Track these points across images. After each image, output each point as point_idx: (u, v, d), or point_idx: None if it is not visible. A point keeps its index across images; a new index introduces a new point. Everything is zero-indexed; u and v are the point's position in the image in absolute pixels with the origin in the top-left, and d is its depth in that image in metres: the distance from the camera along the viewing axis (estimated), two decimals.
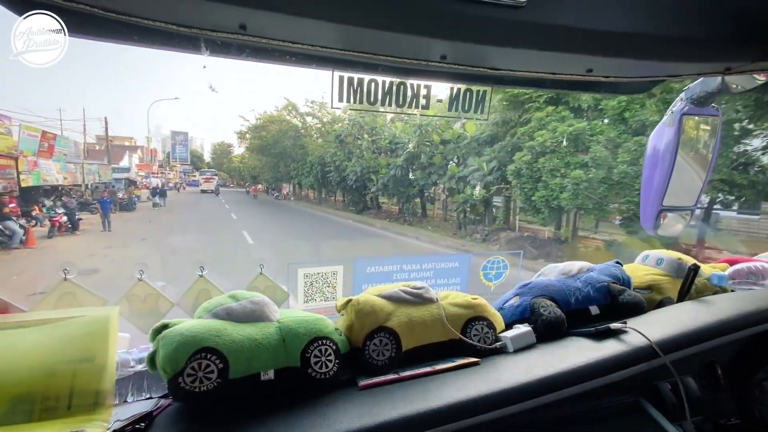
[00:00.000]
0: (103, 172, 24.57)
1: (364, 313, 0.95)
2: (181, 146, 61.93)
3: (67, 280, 0.97)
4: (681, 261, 1.38)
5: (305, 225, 19.30)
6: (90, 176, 22.29)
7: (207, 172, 46.56)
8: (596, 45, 0.85)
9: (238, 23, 0.77)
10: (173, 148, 61.16)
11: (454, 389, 0.83)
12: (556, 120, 11.20)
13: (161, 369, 0.76)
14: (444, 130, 16.27)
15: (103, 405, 0.81)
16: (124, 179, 26.57)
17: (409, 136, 17.27)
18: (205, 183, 39.94)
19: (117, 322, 0.85)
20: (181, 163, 61.77)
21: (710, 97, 1.40)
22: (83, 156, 26.99)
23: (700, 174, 1.56)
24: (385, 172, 18.38)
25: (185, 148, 62.83)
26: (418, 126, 16.71)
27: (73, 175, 19.41)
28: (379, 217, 20.72)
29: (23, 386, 0.76)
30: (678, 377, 0.91)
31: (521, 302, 1.14)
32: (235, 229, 15.16)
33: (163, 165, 52.68)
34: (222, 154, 70.57)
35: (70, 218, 13.41)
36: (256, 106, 76.22)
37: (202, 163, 76.61)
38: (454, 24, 0.77)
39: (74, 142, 23.83)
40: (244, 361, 0.79)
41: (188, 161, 64.63)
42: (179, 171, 58.77)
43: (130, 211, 20.52)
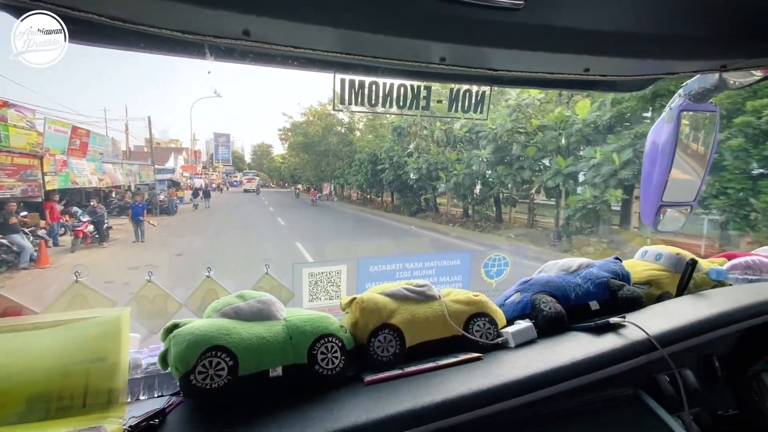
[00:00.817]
0: (145, 173, 23.12)
1: (368, 311, 0.98)
2: (224, 147, 62.65)
3: (79, 282, 0.99)
4: (679, 256, 1.40)
5: (365, 232, 16.28)
6: (131, 177, 20.83)
7: (249, 173, 51.97)
8: (593, 45, 0.86)
9: (242, 29, 0.78)
10: (216, 150, 61.95)
11: (457, 383, 0.85)
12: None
13: (173, 367, 0.79)
14: (543, 113, 12.67)
15: (117, 403, 0.83)
16: (168, 180, 26.08)
17: (503, 120, 13.06)
18: (247, 183, 44.29)
19: (128, 322, 0.87)
20: (223, 164, 62.62)
21: (708, 93, 1.41)
22: (123, 155, 26.25)
23: (699, 170, 1.58)
24: (459, 168, 15.23)
25: (227, 150, 63.52)
26: (515, 107, 12.91)
27: (112, 176, 18.03)
28: (439, 221, 18.19)
29: (39, 386, 0.79)
30: (676, 370, 0.93)
31: (522, 298, 1.16)
32: (286, 239, 13.15)
33: (206, 166, 53.40)
34: (262, 155, 72.12)
35: (98, 227, 11.76)
36: (301, 102, 76.79)
37: (243, 164, 77.84)
38: (453, 27, 0.79)
39: (112, 139, 22.39)
40: (253, 359, 0.81)
41: (230, 162, 65.25)
42: (222, 172, 59.76)
43: (170, 214, 19.34)
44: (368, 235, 15.67)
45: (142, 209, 12.93)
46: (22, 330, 0.82)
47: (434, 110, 1.15)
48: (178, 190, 26.70)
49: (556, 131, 11.71)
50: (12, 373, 0.78)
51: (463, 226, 16.32)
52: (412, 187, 19.47)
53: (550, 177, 11.75)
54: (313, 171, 33.11)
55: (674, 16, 0.82)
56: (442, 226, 16.98)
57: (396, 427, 0.76)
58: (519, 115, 12.90)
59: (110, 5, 0.73)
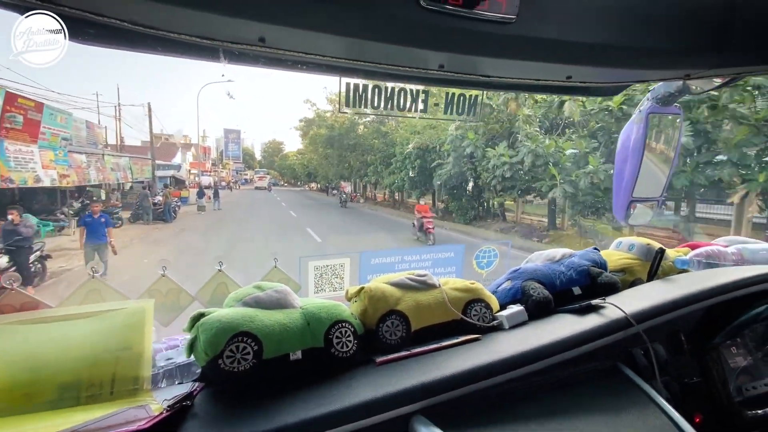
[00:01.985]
0: (138, 168, 19.61)
1: (376, 299, 1.05)
2: (234, 144, 60.47)
3: (95, 278, 1.02)
4: (649, 246, 1.54)
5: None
6: (119, 173, 16.86)
7: (260, 172, 54.11)
8: (575, 55, 0.95)
9: (258, 36, 0.83)
10: (226, 146, 59.49)
11: (460, 360, 0.94)
12: None
13: (201, 352, 0.84)
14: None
15: (143, 390, 0.88)
16: (170, 177, 24.07)
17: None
18: (259, 181, 46.88)
19: (152, 313, 0.91)
20: (233, 161, 60.42)
21: (673, 97, 1.55)
22: (115, 148, 22.07)
23: (665, 167, 1.73)
24: (564, 160, 11.07)
25: (237, 146, 61.24)
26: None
27: (81, 171, 13.26)
28: (522, 234, 13.76)
29: (69, 374, 0.82)
30: (649, 343, 1.06)
31: (513, 285, 1.27)
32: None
33: (216, 163, 51.05)
34: (273, 152, 69.88)
35: (18, 260, 7.25)
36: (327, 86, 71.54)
37: (254, 161, 75.68)
38: (452, 37, 0.86)
39: (86, 122, 16.17)
40: (275, 343, 0.88)
41: (240, 159, 62.77)
42: (232, 169, 57.62)
43: (167, 221, 15.72)
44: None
45: (104, 226, 8.10)
46: (51, 321, 0.85)
47: (432, 113, 1.24)
48: (182, 189, 24.05)
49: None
50: (43, 363, 0.81)
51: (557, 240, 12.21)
52: (481, 188, 15.46)
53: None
54: (334, 168, 30.00)
55: (644, 29, 0.92)
56: (533, 243, 12.61)
57: (409, 399, 0.84)
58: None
59: (132, 12, 0.77)
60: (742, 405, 1.14)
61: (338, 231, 15.68)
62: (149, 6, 0.73)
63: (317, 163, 34.11)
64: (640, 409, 0.94)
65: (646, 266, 1.48)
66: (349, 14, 0.77)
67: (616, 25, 0.91)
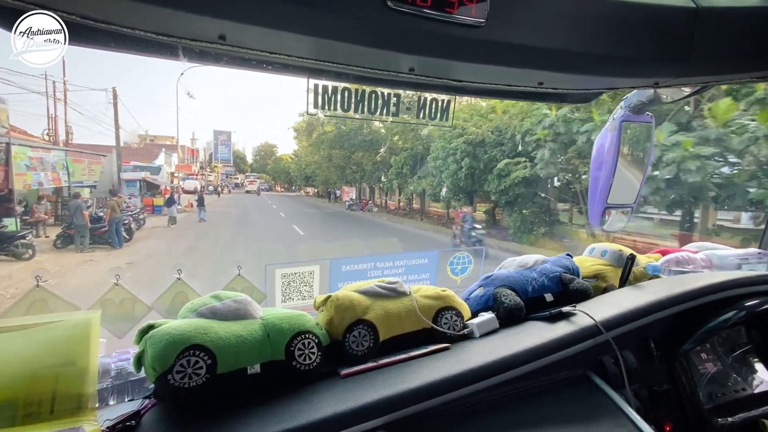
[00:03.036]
0: (85, 168, 14.90)
1: (343, 308, 1.02)
2: (224, 146, 57.64)
3: (39, 286, 0.96)
4: (621, 252, 1.55)
5: None
6: (41, 174, 11.86)
7: (251, 176, 54.59)
8: (546, 61, 0.95)
9: (218, 34, 0.80)
10: (215, 148, 56.65)
11: (428, 371, 0.91)
12: None
13: (150, 368, 0.79)
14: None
15: (86, 408, 0.82)
16: (140, 181, 19.46)
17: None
18: (249, 185, 46.39)
19: (98, 326, 0.86)
20: (223, 164, 57.57)
21: (645, 106, 1.58)
22: (54, 141, 17.41)
23: (638, 175, 1.76)
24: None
25: (228, 149, 58.38)
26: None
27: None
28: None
29: (5, 392, 0.76)
30: (618, 351, 1.05)
31: (485, 293, 1.25)
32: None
33: (204, 166, 48.55)
34: (266, 155, 67.13)
35: None
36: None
37: (245, 165, 72.86)
38: (422, 40, 0.84)
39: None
40: (231, 357, 0.83)
41: (231, 162, 59.91)
42: (221, 172, 55.24)
43: (115, 246, 11.09)
44: None
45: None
46: None
47: (403, 117, 1.21)
48: (157, 195, 19.93)
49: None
50: None
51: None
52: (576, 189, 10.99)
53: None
54: (338, 171, 26.88)
55: (615, 38, 0.93)
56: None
57: (373, 413, 0.80)
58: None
59: (82, 5, 0.73)
60: (712, 412, 1.14)
61: (342, 231, 15.40)
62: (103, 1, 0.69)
63: (317, 165, 30.84)
64: (609, 419, 0.92)
65: (618, 272, 1.48)
66: (314, 13, 0.75)
67: (587, 33, 0.91)
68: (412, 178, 19.32)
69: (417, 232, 17.24)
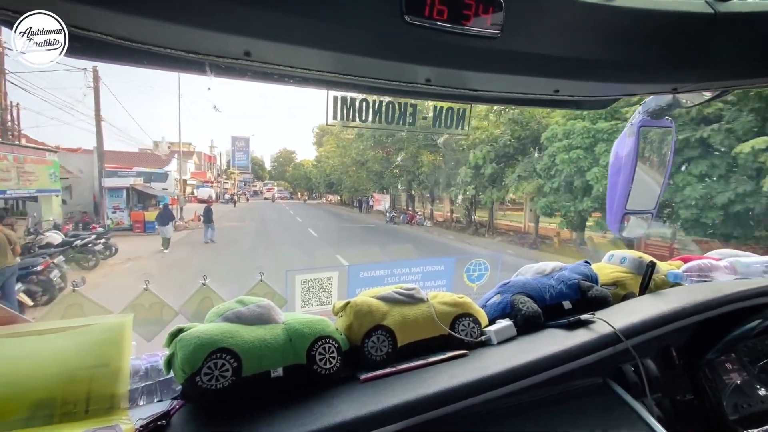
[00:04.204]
0: (18, 170, 10.80)
1: (362, 314, 1.04)
2: (242, 153, 55.26)
3: (75, 291, 1.01)
4: (641, 259, 1.53)
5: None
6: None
7: (269, 184, 55.46)
8: (562, 70, 0.96)
9: (243, 50, 0.84)
10: (233, 155, 54.38)
11: (447, 377, 0.92)
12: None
13: (179, 369, 0.82)
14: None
15: (119, 408, 0.86)
16: (127, 189, 15.54)
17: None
18: (267, 192, 48.03)
19: (130, 329, 0.90)
20: (241, 171, 55.98)
21: (664, 111, 1.56)
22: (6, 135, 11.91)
23: (658, 180, 1.73)
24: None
25: (246, 155, 55.92)
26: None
27: None
28: None
29: (43, 392, 0.80)
30: (639, 359, 1.04)
31: (502, 300, 1.25)
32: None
33: (221, 173, 46.87)
34: (284, 162, 66.11)
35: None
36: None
37: (264, 171, 71.80)
38: (438, 52, 0.86)
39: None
40: (255, 360, 0.86)
41: (249, 169, 57.93)
42: (239, 180, 54.03)
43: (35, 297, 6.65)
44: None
45: None
46: (26, 336, 0.83)
47: (419, 126, 1.24)
48: (149, 207, 16.09)
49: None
50: (16, 379, 0.79)
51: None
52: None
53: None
54: (373, 176, 23.33)
55: (632, 44, 0.93)
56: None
57: (392, 418, 0.82)
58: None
59: (119, 27, 0.77)
60: (737, 423, 1.12)
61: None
62: (137, 21, 0.74)
63: (343, 169, 27.64)
64: (630, 428, 0.92)
65: (638, 279, 1.46)
66: (334, 29, 0.78)
67: (603, 41, 0.92)
68: (506, 179, 14.73)
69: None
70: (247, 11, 0.71)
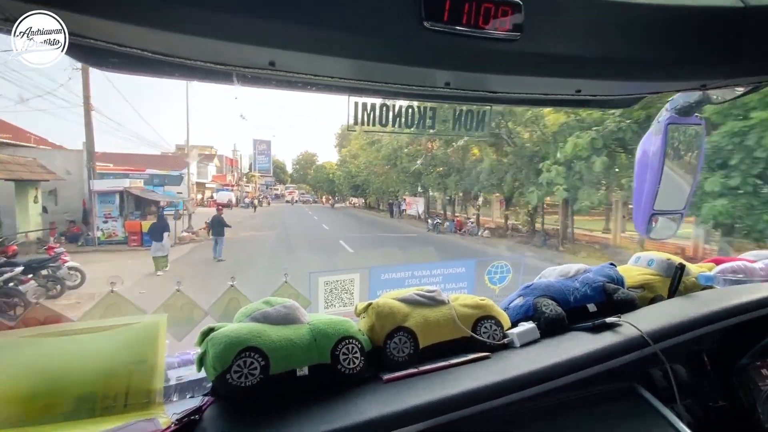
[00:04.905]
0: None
1: (384, 315, 1.05)
2: (263, 156, 55.14)
3: (114, 292, 1.07)
4: (670, 261, 1.48)
5: None
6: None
7: (290, 187, 56.94)
8: (583, 69, 0.95)
9: (269, 60, 0.87)
10: (254, 158, 54.00)
11: (469, 379, 0.93)
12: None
13: (211, 367, 0.86)
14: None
15: (155, 403, 0.90)
16: (120, 193, 13.24)
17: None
18: (288, 195, 49.75)
19: (165, 328, 0.95)
20: (262, 174, 55.28)
21: (692, 108, 1.51)
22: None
23: (688, 179, 1.68)
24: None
25: (267, 158, 55.89)
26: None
27: None
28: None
29: (86, 386, 0.86)
30: (668, 364, 1.01)
31: (525, 302, 1.24)
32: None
33: (240, 177, 45.59)
34: (306, 164, 65.71)
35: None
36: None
37: (285, 175, 71.91)
38: (457, 56, 0.87)
39: None
40: (282, 359, 0.89)
41: (270, 172, 57.93)
42: (261, 183, 53.62)
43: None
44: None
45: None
46: (71, 334, 0.89)
47: (439, 129, 1.24)
48: (149, 215, 13.68)
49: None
50: (62, 374, 0.84)
51: None
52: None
53: None
54: (409, 177, 20.43)
55: (658, 42, 0.91)
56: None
57: (415, 418, 0.83)
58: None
59: (152, 43, 0.82)
60: None
61: None
62: (168, 36, 0.78)
63: (369, 170, 25.36)
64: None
65: (667, 282, 1.42)
66: (355, 38, 0.80)
67: (625, 38, 0.91)
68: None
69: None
70: (270, 23, 0.74)
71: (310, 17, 0.75)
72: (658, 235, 1.70)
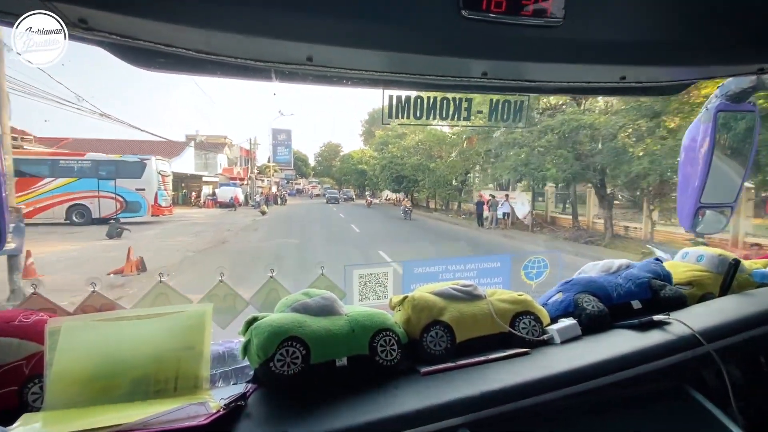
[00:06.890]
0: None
1: (420, 308, 1.05)
2: (283, 147, 48.43)
3: (162, 282, 1.12)
4: (722, 257, 1.40)
5: None
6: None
7: (313, 182, 56.31)
8: (628, 55, 0.91)
9: (306, 56, 0.89)
10: (273, 149, 47.41)
11: (509, 375, 0.92)
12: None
13: (255, 355, 0.89)
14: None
15: (202, 388, 0.94)
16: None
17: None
18: (312, 189, 48.77)
19: (210, 316, 0.98)
20: (282, 167, 48.80)
21: (746, 93, 1.42)
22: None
23: (738, 170, 1.57)
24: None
25: (288, 150, 49.09)
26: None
27: None
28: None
29: (140, 370, 0.91)
30: (722, 365, 0.96)
31: (565, 298, 1.21)
32: None
33: (252, 169, 36.97)
34: (330, 156, 61.85)
35: None
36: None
37: (307, 168, 66.18)
38: (495, 45, 0.85)
39: None
40: (322, 349, 0.91)
41: (291, 165, 51.29)
42: (281, 177, 47.77)
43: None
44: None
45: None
46: (125, 320, 0.94)
47: (474, 121, 1.22)
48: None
49: None
50: (119, 358, 0.90)
51: None
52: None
53: None
54: (480, 160, 15.99)
55: (708, 24, 0.85)
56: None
57: (454, 411, 0.83)
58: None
59: (196, 42, 0.85)
60: None
61: None
62: (210, 35, 0.81)
63: (426, 155, 20.23)
64: None
65: (718, 279, 1.35)
66: (392, 30, 0.80)
67: (675, 22, 0.86)
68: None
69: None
70: (308, 18, 0.75)
71: (347, 11, 0.75)
72: (705, 229, 1.61)
